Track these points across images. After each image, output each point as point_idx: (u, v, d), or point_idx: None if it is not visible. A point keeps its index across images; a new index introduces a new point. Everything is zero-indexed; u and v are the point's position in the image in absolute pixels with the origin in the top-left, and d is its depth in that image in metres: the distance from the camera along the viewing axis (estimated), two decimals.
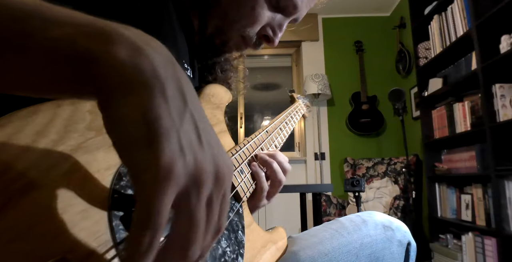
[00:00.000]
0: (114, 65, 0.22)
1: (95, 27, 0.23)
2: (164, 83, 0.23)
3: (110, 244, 0.28)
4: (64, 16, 0.23)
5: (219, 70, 0.69)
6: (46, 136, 0.27)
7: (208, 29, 0.60)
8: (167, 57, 0.25)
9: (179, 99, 0.24)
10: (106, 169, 0.30)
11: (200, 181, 0.23)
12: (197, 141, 0.24)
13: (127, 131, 0.22)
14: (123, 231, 0.29)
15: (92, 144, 0.30)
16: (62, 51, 0.22)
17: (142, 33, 0.25)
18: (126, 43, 0.23)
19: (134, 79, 0.22)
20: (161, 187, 0.21)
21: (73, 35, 0.22)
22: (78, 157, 0.28)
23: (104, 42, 0.22)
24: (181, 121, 0.23)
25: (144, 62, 0.23)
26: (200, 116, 0.25)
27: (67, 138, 0.28)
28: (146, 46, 0.24)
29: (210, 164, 0.24)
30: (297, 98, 1.01)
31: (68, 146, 0.28)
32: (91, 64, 0.22)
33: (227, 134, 0.60)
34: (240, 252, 0.47)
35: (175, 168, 0.22)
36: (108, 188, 0.30)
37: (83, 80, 0.23)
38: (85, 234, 0.26)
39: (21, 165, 0.24)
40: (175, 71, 0.25)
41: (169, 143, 0.22)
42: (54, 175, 0.26)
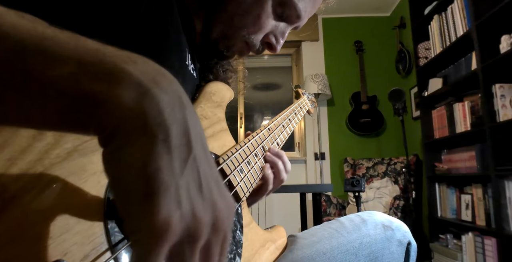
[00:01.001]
0: (118, 110, 0.21)
1: (101, 66, 0.22)
2: (169, 130, 0.22)
3: (106, 247, 0.28)
4: (68, 50, 0.22)
5: (220, 70, 0.69)
6: (42, 139, 0.27)
7: (213, 34, 0.61)
8: (177, 96, 0.24)
9: (183, 146, 0.23)
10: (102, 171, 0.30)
11: (196, 233, 0.23)
12: (197, 190, 0.23)
13: (125, 180, 0.21)
14: (118, 234, 0.29)
15: (88, 147, 0.29)
16: (65, 91, 0.21)
17: (152, 66, 0.24)
18: (133, 84, 0.22)
19: (138, 125, 0.21)
20: (155, 246, 0.21)
21: (77, 74, 0.21)
22: (74, 160, 0.28)
23: (109, 84, 0.21)
24: (182, 171, 0.22)
25: (150, 107, 0.22)
26: (204, 159, 0.25)
27: (63, 141, 0.28)
28: (154, 86, 0.23)
29: (209, 212, 0.24)
30: (302, 93, 1.00)
31: (64, 149, 0.28)
32: (94, 106, 0.21)
33: (227, 132, 0.60)
34: (238, 252, 0.47)
35: (170, 224, 0.21)
36: (104, 191, 0.29)
37: (86, 120, 0.22)
38: (80, 237, 0.26)
39: (17, 168, 0.24)
40: (183, 113, 0.24)
41: (167, 197, 0.21)
42: (49, 178, 0.26)
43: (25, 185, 0.24)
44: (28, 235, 0.23)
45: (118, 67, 0.22)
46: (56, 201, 0.26)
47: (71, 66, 0.21)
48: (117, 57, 0.23)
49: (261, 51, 0.65)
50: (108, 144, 0.22)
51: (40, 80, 0.21)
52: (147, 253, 0.21)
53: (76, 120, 0.22)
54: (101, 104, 0.21)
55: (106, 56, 0.23)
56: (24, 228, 0.23)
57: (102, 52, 0.23)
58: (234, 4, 0.57)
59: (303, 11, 0.62)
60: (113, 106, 0.21)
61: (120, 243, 0.29)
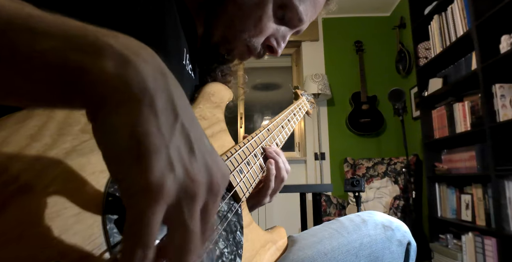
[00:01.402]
0: (102, 78, 0.22)
1: (85, 39, 0.23)
2: (153, 96, 0.23)
3: (104, 248, 0.27)
4: (54, 27, 0.23)
5: (219, 74, 0.70)
6: (40, 139, 0.27)
7: (214, 38, 0.61)
8: (158, 67, 0.25)
9: (169, 111, 0.24)
10: (101, 172, 0.30)
11: (192, 193, 0.23)
12: (188, 153, 0.24)
13: (115, 146, 0.22)
14: (117, 235, 0.29)
15: (87, 147, 0.29)
16: (51, 64, 0.22)
17: (133, 41, 0.25)
18: (114, 54, 0.23)
19: (122, 93, 0.22)
20: (150, 204, 0.21)
21: (62, 48, 0.22)
22: (72, 160, 0.28)
23: (92, 55, 0.22)
24: (171, 134, 0.23)
25: (132, 75, 0.23)
26: (193, 126, 0.25)
27: (61, 141, 0.28)
28: (135, 57, 0.23)
29: (203, 173, 0.25)
30: (301, 94, 1.00)
31: (62, 149, 0.28)
32: (80, 77, 0.22)
33: (227, 132, 0.60)
34: (238, 253, 0.47)
35: (164, 184, 0.22)
36: (103, 191, 0.29)
37: (72, 92, 0.22)
38: (79, 238, 0.26)
39: (14, 168, 0.24)
40: (165, 82, 0.24)
41: (158, 159, 0.22)
42: (47, 179, 0.26)
43: (23, 186, 0.24)
44: (26, 236, 0.23)
45: (100, 39, 0.23)
46: (54, 202, 0.25)
47: (56, 40, 0.22)
48: (100, 31, 0.24)
49: (262, 55, 0.65)
50: (96, 114, 0.22)
51: (27, 55, 0.22)
52: (141, 213, 0.21)
53: (63, 94, 0.22)
54: (85, 76, 0.22)
55: (89, 31, 0.23)
56: (22, 229, 0.23)
57: (85, 28, 0.24)
58: (235, 7, 0.57)
59: (304, 14, 0.62)
60: (97, 77, 0.22)
61: (119, 244, 0.29)
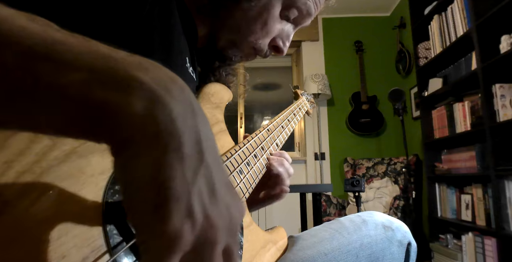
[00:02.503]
0: (130, 119, 0.21)
1: (112, 73, 0.21)
2: (181, 138, 0.22)
3: (104, 250, 0.27)
4: (80, 56, 0.21)
5: (223, 74, 0.70)
6: (40, 141, 0.27)
7: (221, 42, 0.61)
8: (188, 104, 0.24)
9: (195, 154, 0.23)
10: (101, 173, 0.30)
11: (212, 239, 0.23)
12: (210, 198, 0.23)
13: (135, 189, 0.21)
14: (117, 236, 0.29)
15: (87, 148, 0.29)
16: (75, 98, 0.21)
17: (163, 73, 0.24)
18: (144, 92, 0.21)
19: (149, 134, 0.21)
20: (166, 255, 0.21)
21: (88, 82, 0.21)
22: (72, 161, 0.28)
23: (120, 92, 0.21)
24: (194, 179, 0.22)
25: (162, 116, 0.21)
26: (217, 166, 0.24)
27: (60, 143, 0.28)
28: (166, 94, 0.22)
29: (224, 217, 0.24)
30: (301, 94, 1.00)
31: (62, 150, 0.28)
32: (105, 114, 0.21)
33: (226, 133, 0.60)
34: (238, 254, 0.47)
35: (182, 234, 0.21)
36: (102, 193, 0.29)
37: (96, 128, 0.21)
38: (79, 240, 0.26)
39: (15, 170, 0.24)
40: (194, 121, 0.23)
41: (178, 207, 0.21)
42: (47, 180, 0.26)
43: (23, 188, 0.24)
44: (26, 239, 0.23)
45: (130, 74, 0.22)
46: (54, 204, 0.25)
47: (82, 73, 0.21)
48: (129, 63, 0.22)
49: (268, 55, 0.65)
50: (119, 153, 0.22)
51: (50, 87, 0.20)
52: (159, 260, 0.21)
53: (87, 128, 0.22)
54: (112, 113, 0.21)
55: (118, 63, 0.22)
56: (22, 231, 0.23)
57: (114, 58, 0.22)
58: (241, 11, 0.57)
59: (309, 12, 0.62)
60: (125, 115, 0.21)
61: (119, 245, 0.28)
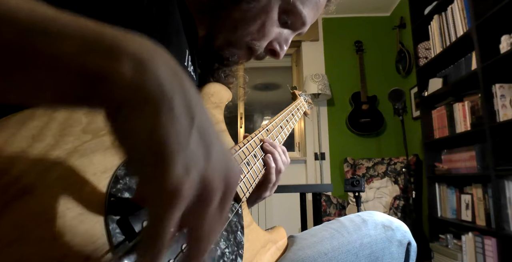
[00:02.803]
0: (121, 82, 0.22)
1: (103, 42, 0.23)
2: (171, 99, 0.23)
3: (107, 248, 0.27)
4: (71, 29, 0.23)
5: (222, 76, 0.70)
6: (42, 140, 0.27)
7: (217, 41, 0.61)
8: (174, 68, 0.25)
9: (186, 114, 0.24)
10: (103, 172, 0.30)
11: (208, 197, 0.24)
12: (204, 154, 0.24)
13: (135, 147, 0.22)
14: (119, 235, 0.29)
15: (89, 147, 0.29)
16: (70, 67, 0.22)
17: (148, 43, 0.25)
18: (133, 58, 0.23)
19: (141, 95, 0.22)
20: (168, 208, 0.22)
21: (80, 51, 0.22)
22: (74, 160, 0.28)
23: (110, 59, 0.22)
24: (188, 138, 0.23)
25: (150, 78, 0.23)
26: (207, 127, 0.26)
27: (63, 142, 0.28)
28: (152, 59, 0.24)
29: (219, 174, 0.25)
30: (298, 95, 1.00)
31: (64, 149, 0.28)
32: (98, 80, 0.22)
33: (226, 133, 0.60)
34: (239, 253, 0.47)
35: (181, 188, 0.22)
36: (105, 191, 0.29)
37: (91, 94, 0.23)
38: (82, 239, 0.26)
39: (17, 169, 0.24)
40: (181, 83, 0.25)
41: (176, 163, 0.22)
42: (50, 179, 0.26)
43: (25, 187, 0.24)
44: (29, 237, 0.23)
45: (117, 43, 0.23)
46: (57, 203, 0.25)
47: (74, 43, 0.22)
48: (116, 34, 0.24)
49: (262, 57, 0.66)
50: (114, 117, 0.23)
51: (45, 58, 0.22)
52: (160, 216, 0.22)
53: (82, 95, 0.23)
54: (104, 79, 0.22)
55: (106, 34, 0.24)
56: (24, 230, 0.23)
57: (102, 30, 0.24)
58: (240, 12, 0.57)
59: (307, 17, 0.62)
60: (116, 80, 0.22)
61: (122, 244, 0.29)
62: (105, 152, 0.31)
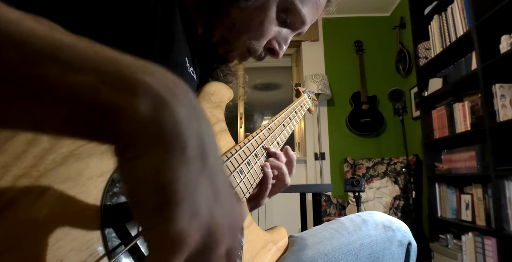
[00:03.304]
0: (135, 120, 0.21)
1: (119, 75, 0.22)
2: (185, 141, 0.22)
3: (103, 253, 0.27)
4: (86, 58, 0.22)
5: (221, 75, 0.69)
6: (37, 144, 0.26)
7: (214, 38, 0.61)
8: (193, 108, 0.24)
9: (199, 158, 0.23)
10: (99, 176, 0.30)
11: (217, 240, 0.23)
12: (214, 198, 0.23)
13: (140, 189, 0.21)
14: (115, 239, 0.28)
15: (85, 151, 0.29)
16: (81, 99, 0.21)
17: (168, 77, 0.24)
18: (150, 95, 0.22)
19: (154, 135, 0.21)
20: (173, 254, 0.21)
21: (94, 83, 0.21)
22: (70, 164, 0.28)
23: (127, 94, 0.21)
24: (198, 181, 0.22)
25: (167, 119, 0.22)
26: (219, 170, 0.25)
27: (58, 146, 0.28)
28: (171, 97, 0.22)
29: (227, 218, 0.24)
30: (302, 92, 1.00)
31: (60, 153, 0.27)
32: (111, 116, 0.21)
33: (227, 132, 0.59)
34: (239, 254, 0.47)
35: (186, 235, 0.21)
36: (101, 196, 0.29)
37: (102, 130, 0.22)
38: (77, 243, 0.26)
39: (12, 174, 0.24)
40: (199, 124, 0.24)
41: (183, 208, 0.21)
42: (45, 184, 0.25)
43: (21, 192, 0.24)
44: (24, 243, 0.23)
45: (136, 77, 0.22)
46: (52, 207, 0.25)
47: (88, 75, 0.21)
48: (135, 67, 0.23)
49: (263, 57, 0.65)
50: (123, 154, 0.22)
51: (56, 89, 0.21)
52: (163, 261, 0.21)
53: (92, 129, 0.22)
54: (117, 114, 0.21)
55: (124, 66, 0.22)
56: (20, 236, 0.23)
57: (120, 61, 0.23)
58: (237, 10, 0.57)
59: (307, 17, 0.62)
60: (130, 117, 0.21)
61: (118, 248, 0.28)
62: (102, 155, 0.30)
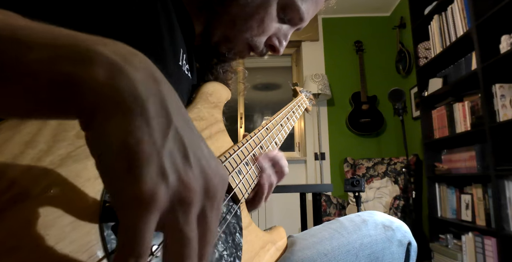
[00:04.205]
0: (93, 88, 0.22)
1: (74, 48, 0.22)
2: (144, 103, 0.22)
3: (102, 255, 0.27)
4: (41, 37, 0.22)
5: (220, 71, 0.69)
6: (34, 146, 0.26)
7: (215, 37, 0.61)
8: (150, 73, 0.24)
9: (162, 117, 0.23)
10: (97, 177, 0.29)
11: (187, 200, 0.23)
12: (182, 159, 0.23)
13: (107, 156, 0.21)
14: (114, 241, 0.28)
15: (82, 152, 0.29)
16: (41, 75, 0.21)
17: (123, 47, 0.25)
18: (105, 63, 0.22)
19: (113, 101, 0.22)
20: (142, 214, 0.21)
21: (51, 58, 0.22)
22: (67, 166, 0.28)
23: (82, 65, 0.22)
24: (163, 141, 0.23)
25: (123, 83, 0.22)
26: (188, 131, 0.25)
27: (56, 147, 0.28)
28: (126, 64, 0.23)
29: (198, 179, 0.24)
30: (300, 91, 1.00)
31: (57, 155, 0.27)
32: (71, 88, 0.22)
33: (225, 133, 0.59)
34: (238, 255, 0.47)
35: (156, 193, 0.21)
36: (99, 197, 0.29)
37: (65, 103, 0.22)
38: (76, 246, 0.26)
39: (8, 177, 0.24)
40: (158, 88, 0.24)
41: (149, 168, 0.21)
42: (42, 187, 0.25)
43: (19, 194, 0.24)
44: (23, 245, 0.23)
45: (90, 48, 0.23)
46: (51, 209, 0.25)
47: (44, 51, 0.22)
48: (89, 40, 0.23)
49: (265, 53, 0.65)
50: (89, 126, 0.22)
51: (15, 68, 0.21)
52: (133, 223, 0.21)
53: (56, 104, 0.22)
54: (76, 85, 0.22)
55: (78, 39, 0.23)
56: (19, 238, 0.23)
57: (73, 36, 0.23)
58: (237, 7, 0.57)
59: (306, 13, 0.62)
60: (88, 86, 0.22)
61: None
62: None
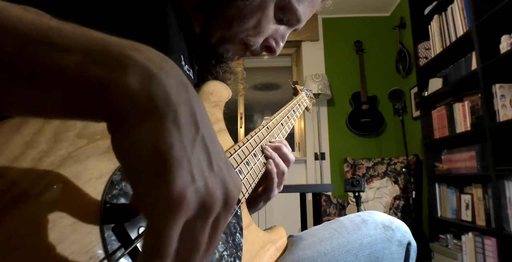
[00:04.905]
0: (126, 94, 0.22)
1: (107, 53, 0.23)
2: (177, 110, 0.23)
3: (102, 256, 0.27)
4: (75, 40, 0.23)
5: (220, 72, 0.69)
6: (35, 146, 0.26)
7: (212, 39, 0.61)
8: (180, 79, 0.25)
9: (191, 125, 0.24)
10: (98, 178, 0.29)
11: (209, 206, 0.24)
12: (207, 166, 0.24)
13: (137, 160, 0.22)
14: (115, 242, 0.28)
15: (83, 153, 0.29)
16: (73, 79, 0.22)
17: (155, 53, 0.25)
18: (139, 69, 0.23)
19: (146, 107, 0.22)
20: (173, 217, 0.21)
21: (84, 63, 0.22)
22: (68, 166, 0.27)
23: (116, 70, 0.22)
24: (192, 148, 0.23)
25: (157, 90, 0.23)
26: (211, 139, 0.25)
27: (56, 148, 0.27)
28: (159, 70, 0.23)
29: (220, 187, 0.25)
30: (300, 90, 1.00)
31: (58, 156, 0.27)
32: (103, 92, 0.22)
33: (226, 132, 0.59)
34: (238, 255, 0.47)
35: (185, 196, 0.22)
36: (100, 198, 0.29)
37: (95, 106, 0.22)
38: (77, 247, 0.26)
39: (9, 178, 0.24)
40: (187, 94, 0.24)
41: (180, 172, 0.22)
42: (43, 187, 0.25)
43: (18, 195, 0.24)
44: (23, 247, 0.23)
45: (124, 54, 0.23)
46: (51, 210, 0.25)
47: (78, 55, 0.22)
48: (122, 45, 0.24)
49: (259, 52, 0.65)
50: (117, 129, 0.22)
51: (48, 70, 0.21)
52: (163, 225, 0.21)
53: (85, 107, 0.23)
54: (109, 91, 0.22)
55: (112, 44, 0.23)
56: (19, 240, 0.23)
57: (107, 40, 0.23)
58: (235, 9, 0.57)
59: (303, 14, 0.62)
60: (121, 92, 0.22)
61: (117, 251, 0.28)
62: (100, 157, 0.30)
